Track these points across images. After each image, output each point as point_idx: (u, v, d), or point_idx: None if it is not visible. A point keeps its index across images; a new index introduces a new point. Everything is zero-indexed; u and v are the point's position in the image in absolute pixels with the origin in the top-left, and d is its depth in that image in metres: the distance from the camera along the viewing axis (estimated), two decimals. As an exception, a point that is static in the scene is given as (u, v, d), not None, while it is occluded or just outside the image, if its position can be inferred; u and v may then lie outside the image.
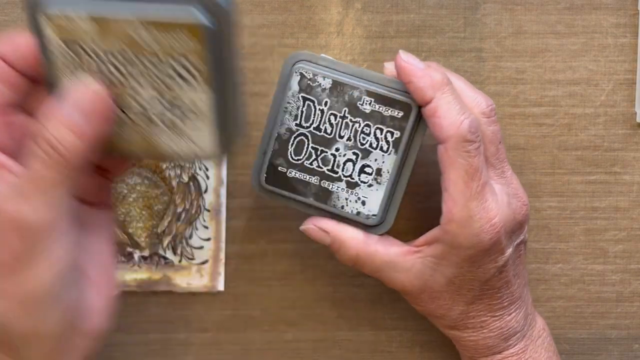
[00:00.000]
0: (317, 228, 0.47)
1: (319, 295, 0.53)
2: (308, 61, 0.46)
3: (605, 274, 0.54)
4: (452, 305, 0.46)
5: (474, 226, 0.43)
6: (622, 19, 0.52)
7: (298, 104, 0.46)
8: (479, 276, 0.45)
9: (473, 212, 0.43)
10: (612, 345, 0.54)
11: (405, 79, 0.44)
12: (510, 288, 0.46)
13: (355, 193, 0.46)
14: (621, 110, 0.53)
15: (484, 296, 0.46)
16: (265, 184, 0.47)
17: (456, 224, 0.43)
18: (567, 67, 0.52)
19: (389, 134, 0.45)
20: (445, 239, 0.44)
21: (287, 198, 0.47)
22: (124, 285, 0.52)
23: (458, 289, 0.45)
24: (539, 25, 0.52)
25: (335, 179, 0.46)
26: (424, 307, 0.47)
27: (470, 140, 0.43)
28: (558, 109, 0.53)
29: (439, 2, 0.52)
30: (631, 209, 0.53)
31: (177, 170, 0.52)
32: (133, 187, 0.52)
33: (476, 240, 0.43)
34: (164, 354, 0.53)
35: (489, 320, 0.47)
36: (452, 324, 0.47)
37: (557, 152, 0.53)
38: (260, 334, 0.53)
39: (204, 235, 0.52)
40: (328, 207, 0.47)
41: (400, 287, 0.46)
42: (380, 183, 0.46)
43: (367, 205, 0.46)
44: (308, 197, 0.47)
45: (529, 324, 0.48)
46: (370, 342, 0.54)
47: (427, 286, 0.46)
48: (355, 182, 0.46)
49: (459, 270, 0.44)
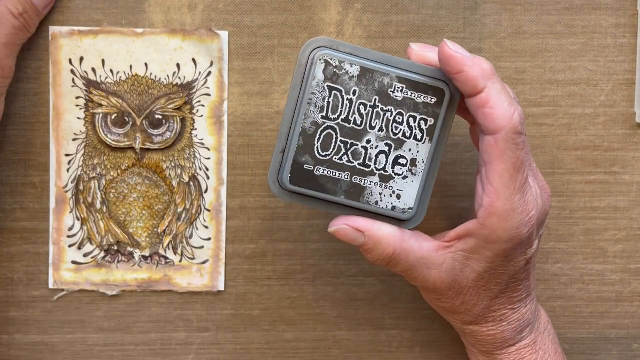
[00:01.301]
0: (350, 228, 0.44)
1: (319, 295, 0.53)
2: (328, 47, 0.43)
3: (605, 273, 0.54)
4: (477, 300, 0.46)
5: (515, 219, 0.42)
6: (622, 19, 0.52)
7: (324, 94, 0.42)
8: (508, 270, 0.45)
9: (516, 206, 0.42)
10: (612, 345, 0.54)
11: (456, 69, 0.41)
12: (530, 280, 0.47)
13: (390, 187, 0.44)
14: (621, 110, 0.53)
15: (507, 290, 0.46)
16: (291, 184, 0.43)
17: (497, 217, 0.42)
18: (566, 68, 0.52)
19: (423, 121, 0.43)
20: (480, 233, 0.43)
21: (315, 199, 0.44)
22: (124, 285, 0.52)
23: (486, 283, 0.45)
24: (539, 25, 0.52)
25: (368, 174, 0.43)
26: (448, 304, 0.47)
27: (520, 133, 0.42)
28: (558, 109, 0.53)
29: (439, 3, 0.52)
30: (631, 209, 0.53)
31: (177, 171, 0.52)
32: (134, 187, 0.52)
33: (515, 234, 0.43)
34: (164, 354, 0.53)
35: (509, 313, 0.46)
36: (473, 319, 0.47)
37: (557, 152, 0.53)
38: (260, 334, 0.53)
39: (205, 235, 0.52)
40: (362, 204, 0.44)
41: (431, 285, 0.45)
42: (415, 174, 0.44)
43: (402, 198, 0.44)
44: (339, 195, 0.43)
45: (537, 316, 0.48)
46: (370, 342, 0.54)
47: (456, 282, 0.45)
48: (389, 174, 0.44)
49: (489, 265, 0.44)
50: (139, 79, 0.51)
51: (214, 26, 0.51)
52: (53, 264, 0.52)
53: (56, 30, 0.51)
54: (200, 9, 0.51)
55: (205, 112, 0.52)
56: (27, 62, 0.51)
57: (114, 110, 0.51)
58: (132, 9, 0.51)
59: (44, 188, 0.52)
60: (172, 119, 0.52)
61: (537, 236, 0.45)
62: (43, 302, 0.53)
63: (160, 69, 0.51)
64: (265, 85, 0.52)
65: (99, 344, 0.53)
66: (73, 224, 0.52)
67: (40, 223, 0.52)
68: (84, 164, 0.52)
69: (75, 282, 0.52)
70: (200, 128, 0.52)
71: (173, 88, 0.51)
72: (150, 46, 0.51)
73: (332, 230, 0.44)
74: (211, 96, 0.52)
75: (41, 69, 0.51)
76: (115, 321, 0.53)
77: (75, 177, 0.52)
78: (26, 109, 0.52)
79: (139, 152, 0.52)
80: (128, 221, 0.52)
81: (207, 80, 0.52)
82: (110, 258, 0.52)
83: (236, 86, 0.52)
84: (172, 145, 0.52)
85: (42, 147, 0.52)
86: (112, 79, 0.51)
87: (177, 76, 0.51)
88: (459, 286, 0.45)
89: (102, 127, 0.52)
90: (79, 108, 0.51)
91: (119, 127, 0.52)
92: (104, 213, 0.52)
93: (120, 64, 0.51)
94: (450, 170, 0.53)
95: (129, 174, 0.52)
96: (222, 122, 0.52)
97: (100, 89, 0.51)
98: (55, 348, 0.53)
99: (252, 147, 0.52)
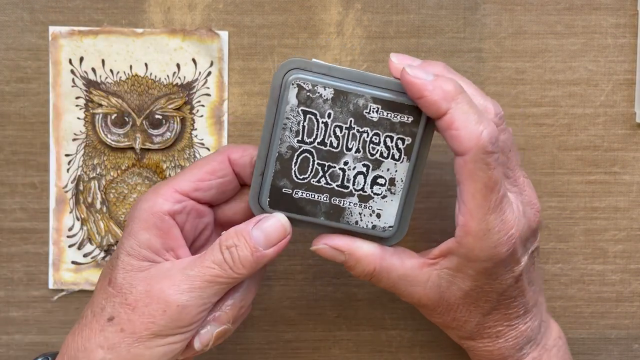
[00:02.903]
0: (329, 247, 0.44)
1: (319, 295, 0.53)
2: (302, 69, 0.42)
3: (605, 274, 0.54)
4: (468, 317, 0.45)
5: (491, 239, 0.42)
6: (622, 19, 0.52)
7: (298, 118, 0.42)
8: (495, 288, 0.44)
9: (491, 225, 0.41)
10: (612, 345, 0.54)
11: (417, 94, 0.41)
12: (526, 296, 0.45)
13: (369, 206, 0.44)
14: (621, 110, 0.53)
15: (500, 306, 0.45)
16: (270, 208, 0.44)
17: (473, 237, 0.42)
18: (566, 68, 0.52)
19: (400, 141, 0.43)
20: (460, 252, 0.43)
21: (294, 221, 0.44)
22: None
23: (475, 300, 0.44)
24: (539, 25, 0.52)
25: (347, 194, 0.43)
26: (439, 319, 0.46)
27: (490, 152, 0.40)
28: (558, 109, 0.53)
29: (439, 3, 0.52)
30: (631, 209, 0.53)
31: (177, 171, 0.52)
32: (134, 187, 0.52)
33: (493, 253, 0.42)
34: (164, 354, 0.53)
35: (505, 330, 0.46)
36: (467, 335, 0.47)
37: (557, 152, 0.53)
38: (260, 334, 0.53)
39: (204, 235, 0.52)
40: (341, 224, 0.44)
41: (417, 301, 0.45)
42: (394, 193, 0.44)
43: (382, 217, 0.44)
44: (319, 216, 0.44)
45: (543, 332, 0.47)
46: (369, 342, 0.54)
47: (444, 299, 0.45)
48: (368, 194, 0.43)
49: (475, 283, 0.43)
50: (139, 79, 0.51)
51: (214, 26, 0.51)
52: (53, 264, 0.52)
53: (56, 30, 0.51)
54: (200, 9, 0.51)
55: (205, 112, 0.52)
56: (27, 62, 0.51)
57: (114, 111, 0.51)
58: (132, 9, 0.51)
59: (43, 188, 0.52)
60: (172, 119, 0.52)
61: (525, 252, 0.44)
62: (43, 302, 0.53)
63: (160, 69, 0.51)
64: (265, 85, 0.52)
65: (99, 344, 0.53)
66: (73, 224, 0.52)
67: (40, 223, 0.52)
68: (83, 164, 0.52)
69: (75, 282, 0.52)
70: (200, 128, 0.52)
71: (173, 88, 0.51)
72: (150, 46, 0.51)
73: (313, 248, 0.44)
74: (211, 96, 0.52)
75: (41, 69, 0.51)
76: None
77: (75, 177, 0.52)
78: (26, 109, 0.52)
79: (139, 152, 0.52)
80: (128, 221, 0.52)
81: (207, 80, 0.52)
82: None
83: (236, 86, 0.52)
84: (172, 145, 0.52)
85: (42, 147, 0.52)
86: (112, 79, 0.51)
87: (177, 76, 0.51)
88: (447, 303, 0.45)
89: (102, 127, 0.52)
90: (79, 108, 0.51)
91: (118, 127, 0.52)
92: (103, 213, 0.52)
93: (120, 64, 0.51)
94: (450, 170, 0.52)
95: (128, 174, 0.52)
96: (222, 122, 0.52)
97: (100, 89, 0.51)
98: (56, 348, 0.53)
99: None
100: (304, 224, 0.44)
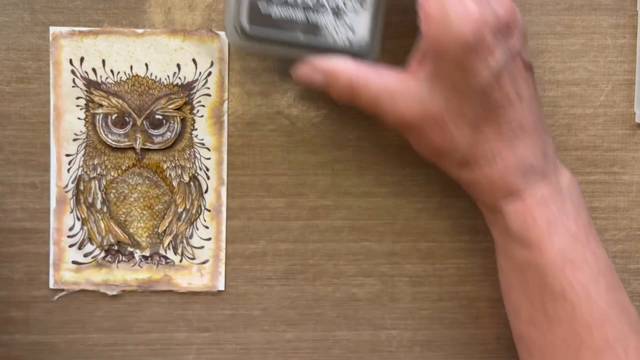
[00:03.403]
0: (309, 67, 0.46)
1: (319, 295, 0.53)
2: None
3: (605, 274, 0.54)
4: (457, 132, 0.45)
5: (453, 21, 0.42)
6: (622, 19, 0.52)
7: None
8: (473, 84, 0.43)
9: (448, 5, 0.42)
10: (612, 345, 0.54)
11: None
12: (516, 110, 0.45)
13: (343, 20, 0.46)
14: (620, 110, 0.53)
15: (488, 118, 0.44)
16: (250, 25, 0.44)
17: (435, 23, 0.42)
18: (566, 68, 0.53)
19: None
20: (429, 49, 0.43)
21: (274, 42, 0.45)
22: (125, 285, 0.53)
23: (459, 107, 0.44)
24: (539, 25, 0.52)
25: (322, 11, 0.45)
26: (430, 146, 0.46)
27: None
28: (557, 109, 0.53)
29: (439, 3, 0.52)
30: (630, 209, 0.53)
31: (177, 171, 0.52)
32: (134, 187, 0.52)
33: (458, 35, 0.42)
34: (164, 354, 0.53)
35: (500, 147, 0.45)
36: (462, 158, 0.46)
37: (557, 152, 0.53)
38: (260, 334, 0.53)
39: (205, 235, 0.53)
40: (319, 40, 0.46)
41: (400, 117, 0.45)
42: (364, 8, 0.46)
43: (356, 32, 0.46)
44: (297, 32, 0.45)
45: (552, 169, 0.46)
46: (369, 342, 0.54)
47: (427, 110, 0.45)
48: (342, 9, 0.46)
49: (451, 82, 0.44)
50: (140, 79, 0.51)
51: (215, 26, 0.51)
52: (53, 264, 0.52)
53: (56, 30, 0.51)
54: (200, 10, 0.51)
55: (205, 112, 0.52)
56: (27, 62, 0.51)
57: (115, 111, 0.51)
58: (132, 9, 0.51)
59: (44, 188, 0.52)
60: (173, 119, 0.52)
61: (498, 44, 0.43)
62: (43, 302, 0.53)
63: (160, 69, 0.51)
64: (265, 85, 0.52)
65: (100, 344, 0.53)
66: (73, 224, 0.52)
67: (41, 223, 0.52)
68: (84, 164, 0.52)
69: (75, 282, 0.52)
70: (200, 128, 0.52)
71: (173, 88, 0.52)
72: (150, 46, 0.51)
73: (296, 75, 0.46)
74: (211, 96, 0.52)
75: (41, 69, 0.51)
76: (115, 321, 0.53)
77: (75, 177, 0.52)
78: (26, 109, 0.52)
79: (139, 152, 0.52)
80: (128, 221, 0.52)
81: (207, 81, 0.52)
82: (111, 258, 0.53)
83: (236, 86, 0.52)
84: (172, 145, 0.52)
85: (42, 147, 0.52)
86: (113, 79, 0.51)
87: (178, 76, 0.51)
88: (432, 116, 0.45)
89: (103, 127, 0.52)
90: (80, 108, 0.52)
91: (119, 127, 0.52)
92: (104, 213, 0.52)
93: (121, 64, 0.51)
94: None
95: (129, 174, 0.52)
96: (222, 122, 0.52)
97: (101, 89, 0.51)
98: (56, 348, 0.53)
99: (252, 147, 0.52)
100: (284, 46, 0.45)
